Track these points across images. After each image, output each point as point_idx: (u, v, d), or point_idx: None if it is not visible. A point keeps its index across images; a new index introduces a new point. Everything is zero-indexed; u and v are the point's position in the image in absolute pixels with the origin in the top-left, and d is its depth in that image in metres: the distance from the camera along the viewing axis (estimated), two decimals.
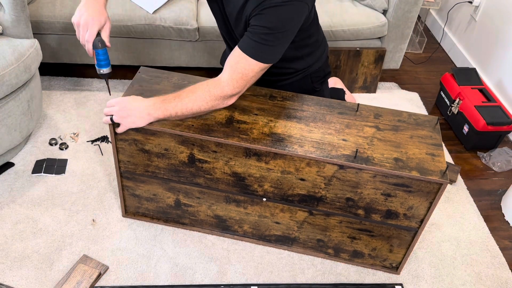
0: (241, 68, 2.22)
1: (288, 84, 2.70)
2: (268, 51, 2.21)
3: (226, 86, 2.25)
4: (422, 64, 4.59)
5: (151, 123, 2.25)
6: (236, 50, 2.22)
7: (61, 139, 3.24)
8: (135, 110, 2.25)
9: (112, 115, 2.27)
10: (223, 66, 2.41)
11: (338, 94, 3.32)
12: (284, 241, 2.70)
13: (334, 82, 3.63)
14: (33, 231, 2.69)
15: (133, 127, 2.28)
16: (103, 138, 3.29)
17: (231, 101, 2.34)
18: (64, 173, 3.03)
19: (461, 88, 3.75)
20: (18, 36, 2.90)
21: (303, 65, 2.64)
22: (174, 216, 2.73)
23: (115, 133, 2.35)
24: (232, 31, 2.48)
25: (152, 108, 2.24)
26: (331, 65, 3.79)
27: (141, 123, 2.26)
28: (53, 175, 3.01)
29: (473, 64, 4.37)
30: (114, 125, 2.31)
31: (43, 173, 3.00)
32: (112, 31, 3.52)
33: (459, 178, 3.35)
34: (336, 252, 2.68)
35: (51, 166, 3.05)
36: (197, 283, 2.56)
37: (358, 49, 3.75)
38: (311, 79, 2.74)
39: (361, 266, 2.70)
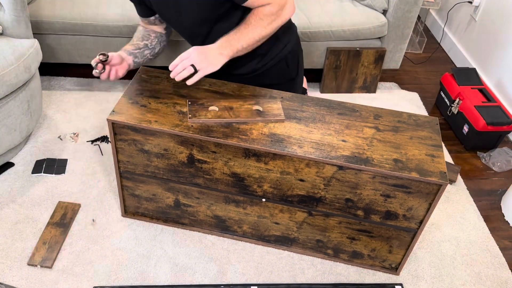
0: None
1: (264, 73, 2.73)
2: None
3: (273, 6, 2.36)
4: (422, 64, 4.58)
5: (149, 122, 2.24)
6: None
7: (61, 139, 3.24)
8: (209, 52, 2.32)
9: (192, 64, 2.31)
10: None
11: None
12: (283, 241, 2.70)
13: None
14: (33, 231, 2.69)
15: (210, 71, 2.34)
16: (103, 138, 3.28)
17: (288, 10, 2.44)
18: (64, 173, 3.03)
19: (461, 88, 3.74)
20: (18, 36, 2.90)
21: (278, 46, 2.68)
22: (174, 216, 2.73)
23: (115, 134, 2.35)
24: None
25: (221, 48, 2.35)
26: (331, 65, 3.79)
27: (217, 64, 2.35)
28: (53, 175, 3.00)
29: (473, 64, 4.37)
30: (195, 73, 2.34)
31: (43, 173, 3.00)
32: (112, 31, 3.52)
33: (459, 178, 3.35)
34: (335, 253, 2.68)
35: (51, 166, 3.05)
36: (197, 283, 2.56)
37: (358, 49, 3.74)
38: (286, 63, 2.75)
39: (361, 266, 2.70)
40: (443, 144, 3.19)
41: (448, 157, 3.53)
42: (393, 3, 3.67)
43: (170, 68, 2.33)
